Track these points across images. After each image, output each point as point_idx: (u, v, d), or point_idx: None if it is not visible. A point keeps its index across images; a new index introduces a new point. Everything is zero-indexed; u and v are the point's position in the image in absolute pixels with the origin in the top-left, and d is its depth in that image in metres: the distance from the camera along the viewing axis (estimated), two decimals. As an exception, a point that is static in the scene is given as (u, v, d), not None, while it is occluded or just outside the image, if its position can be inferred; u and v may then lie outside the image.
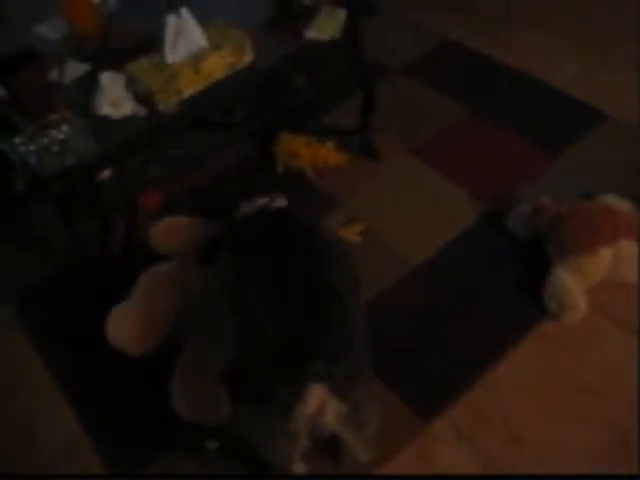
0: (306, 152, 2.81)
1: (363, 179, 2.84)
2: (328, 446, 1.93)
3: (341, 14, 2.42)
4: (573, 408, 2.06)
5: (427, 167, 2.85)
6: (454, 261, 2.49)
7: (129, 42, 2.42)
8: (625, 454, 1.94)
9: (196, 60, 2.19)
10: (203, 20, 2.26)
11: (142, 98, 2.18)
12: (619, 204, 2.37)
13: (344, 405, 1.65)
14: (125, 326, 2.18)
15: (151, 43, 2.32)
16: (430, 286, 2.42)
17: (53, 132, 2.10)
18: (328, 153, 2.84)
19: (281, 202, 2.37)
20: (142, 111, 2.18)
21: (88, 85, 2.23)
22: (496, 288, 2.38)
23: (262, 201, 2.36)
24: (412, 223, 2.64)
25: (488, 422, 2.06)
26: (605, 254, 2.23)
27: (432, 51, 3.45)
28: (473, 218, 2.62)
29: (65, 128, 2.11)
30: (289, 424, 1.64)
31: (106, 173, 2.45)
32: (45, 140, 2.07)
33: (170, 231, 2.39)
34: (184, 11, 2.21)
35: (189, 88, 2.20)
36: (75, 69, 2.32)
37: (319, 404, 1.62)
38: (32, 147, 2.07)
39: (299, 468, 1.91)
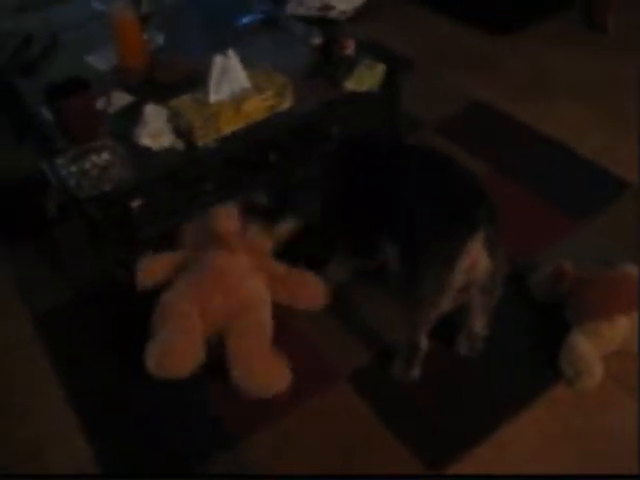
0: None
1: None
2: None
3: (380, 68, 2.50)
4: (580, 473, 2.05)
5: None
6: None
7: (173, 78, 2.52)
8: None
9: (238, 100, 2.27)
10: (248, 62, 2.34)
11: (182, 132, 2.26)
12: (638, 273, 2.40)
13: (491, 262, 1.90)
14: (169, 355, 2.11)
15: (194, 80, 2.41)
16: (444, 343, 2.43)
17: (94, 157, 2.17)
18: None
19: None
20: (181, 145, 2.25)
21: (131, 116, 2.31)
22: (512, 349, 2.38)
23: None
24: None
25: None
26: (622, 322, 2.24)
27: (462, 110, 3.51)
28: (493, 277, 2.63)
29: (106, 155, 2.18)
30: (450, 276, 1.85)
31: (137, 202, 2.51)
32: (86, 164, 2.14)
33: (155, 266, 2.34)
34: (231, 52, 2.29)
35: (228, 126, 2.27)
36: (120, 99, 2.41)
37: (475, 257, 1.86)
38: (73, 169, 2.13)
39: (424, 343, 2.12)
